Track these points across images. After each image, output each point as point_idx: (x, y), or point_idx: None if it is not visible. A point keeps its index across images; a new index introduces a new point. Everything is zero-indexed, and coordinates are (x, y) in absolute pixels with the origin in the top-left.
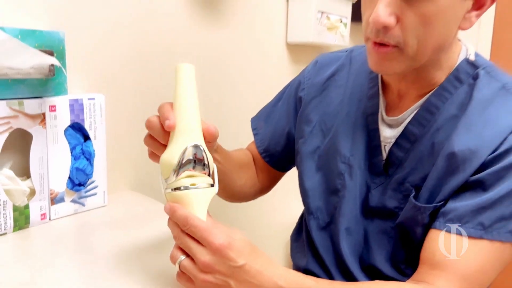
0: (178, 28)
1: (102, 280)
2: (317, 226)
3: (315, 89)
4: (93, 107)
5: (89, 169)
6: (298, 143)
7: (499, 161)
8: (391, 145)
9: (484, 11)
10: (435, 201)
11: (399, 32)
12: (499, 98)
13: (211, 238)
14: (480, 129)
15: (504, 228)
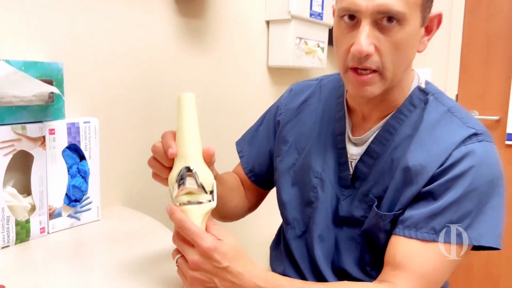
0: (166, 56)
1: (95, 285)
2: (294, 235)
3: (291, 113)
4: (88, 129)
5: (84, 186)
6: (276, 161)
7: (446, 174)
8: (357, 162)
9: (432, 35)
10: (394, 210)
11: (378, 58)
12: (445, 120)
13: (200, 241)
14: (429, 147)
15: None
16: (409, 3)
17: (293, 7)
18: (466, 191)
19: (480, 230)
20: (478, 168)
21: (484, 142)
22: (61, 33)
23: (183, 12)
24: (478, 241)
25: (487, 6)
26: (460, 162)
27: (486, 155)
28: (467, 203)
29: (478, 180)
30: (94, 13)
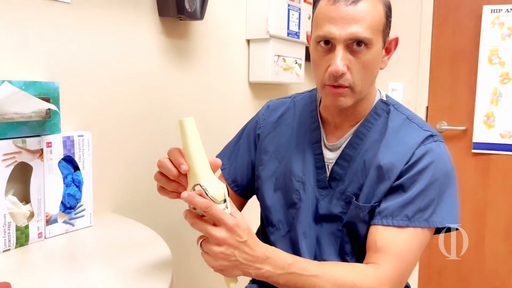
0: (154, 74)
1: (91, 285)
2: (279, 235)
3: (269, 127)
4: (82, 142)
5: (78, 194)
6: (258, 170)
7: (411, 169)
8: (333, 165)
9: (391, 55)
10: (371, 203)
11: (350, 76)
12: (405, 125)
13: (226, 219)
14: (395, 148)
15: (421, 218)
16: (373, 30)
17: (271, 27)
18: (429, 182)
19: (443, 214)
20: (436, 163)
21: (438, 142)
22: (57, 55)
23: (169, 33)
24: (442, 224)
25: (453, 24)
26: (422, 159)
27: (442, 152)
28: (431, 192)
29: (437, 172)
30: (87, 35)
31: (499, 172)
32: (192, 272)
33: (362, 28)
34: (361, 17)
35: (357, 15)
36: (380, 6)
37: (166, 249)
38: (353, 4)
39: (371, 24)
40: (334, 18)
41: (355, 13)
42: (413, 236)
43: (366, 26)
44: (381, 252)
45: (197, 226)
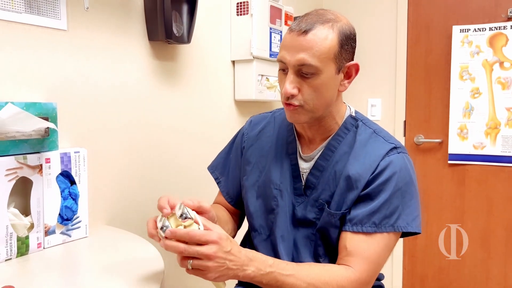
0: (144, 94)
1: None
2: (260, 239)
3: (252, 140)
4: (78, 158)
5: (75, 207)
6: (243, 180)
7: (377, 179)
8: (307, 174)
9: (353, 79)
10: (342, 210)
11: (301, 97)
12: (372, 139)
13: (209, 238)
14: (363, 160)
15: (387, 224)
16: (321, 58)
17: (254, 49)
18: (393, 191)
19: (407, 220)
20: (399, 173)
21: (401, 154)
22: (54, 78)
23: (158, 56)
24: (406, 229)
25: (425, 43)
26: (386, 170)
27: (404, 163)
28: (395, 201)
29: (400, 182)
30: (82, 59)
31: (474, 181)
32: (184, 279)
33: (309, 56)
34: (309, 46)
35: (306, 44)
36: (332, 36)
37: (159, 257)
38: (304, 34)
39: (318, 52)
40: (287, 45)
41: (304, 42)
42: (380, 241)
43: (313, 54)
44: (351, 255)
45: (187, 252)
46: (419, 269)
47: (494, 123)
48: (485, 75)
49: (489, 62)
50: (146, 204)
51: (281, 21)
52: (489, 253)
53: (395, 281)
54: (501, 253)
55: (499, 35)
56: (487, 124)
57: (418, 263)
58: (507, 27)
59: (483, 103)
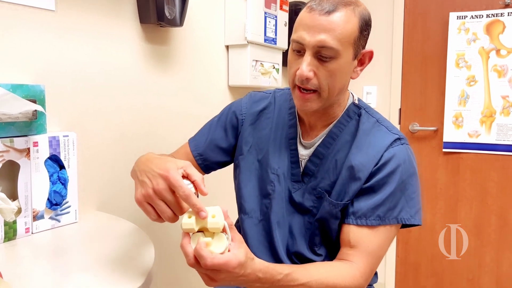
0: (136, 78)
1: (76, 279)
2: (251, 223)
3: (251, 118)
4: (67, 142)
5: (64, 192)
6: (238, 159)
7: (380, 171)
8: (306, 161)
9: (365, 66)
10: (344, 200)
11: (316, 81)
12: (375, 128)
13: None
14: (366, 149)
15: (391, 216)
16: (342, 41)
17: (248, 34)
18: (397, 184)
19: (410, 212)
20: (403, 165)
21: (405, 145)
22: (42, 59)
23: (150, 39)
24: (410, 221)
25: (422, 30)
26: (390, 162)
27: (407, 155)
28: (399, 193)
29: (404, 174)
30: (71, 41)
31: (468, 169)
32: (174, 267)
33: (331, 38)
34: (331, 28)
35: (328, 25)
36: (354, 20)
37: (149, 244)
38: (327, 14)
39: (341, 35)
40: (307, 25)
41: (327, 23)
42: (384, 233)
43: (335, 37)
44: (354, 249)
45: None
46: (412, 257)
47: (489, 111)
48: (481, 63)
49: (485, 50)
50: None
51: (276, 6)
52: (482, 241)
53: (388, 269)
54: (493, 241)
55: (496, 22)
56: (482, 112)
57: (411, 251)
58: (504, 14)
59: (479, 91)
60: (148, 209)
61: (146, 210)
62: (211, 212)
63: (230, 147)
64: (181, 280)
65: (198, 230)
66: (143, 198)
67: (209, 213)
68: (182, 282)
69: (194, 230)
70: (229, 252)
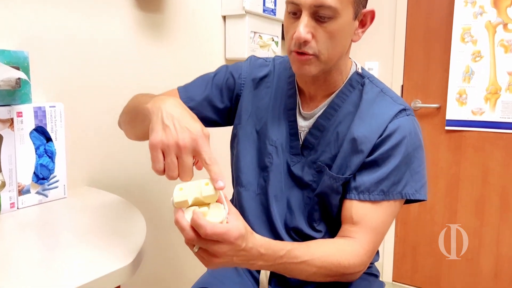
0: (127, 47)
1: (64, 255)
2: (248, 196)
3: (251, 84)
4: (54, 113)
5: (51, 165)
6: (237, 128)
7: (385, 143)
8: (306, 133)
9: (367, 28)
10: (345, 174)
11: (315, 44)
12: (379, 98)
13: (227, 237)
14: (369, 121)
15: (395, 191)
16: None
17: (246, 3)
18: (402, 157)
19: (415, 187)
20: (408, 138)
21: (411, 116)
22: (27, 24)
23: (142, 6)
24: (415, 196)
25: (427, 3)
26: (395, 133)
27: (413, 126)
28: (404, 167)
29: (409, 147)
30: (59, 6)
31: (471, 148)
32: (165, 244)
33: None
34: None
35: None
36: None
37: (141, 220)
38: None
39: None
40: None
41: None
42: (387, 209)
43: None
44: (357, 225)
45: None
46: (411, 236)
47: (494, 88)
48: (488, 38)
49: (492, 24)
50: (130, 165)
51: None
52: (482, 221)
53: (387, 248)
54: (494, 221)
55: None
56: (487, 89)
57: (410, 231)
58: None
59: (484, 67)
60: (158, 158)
61: (156, 157)
62: (204, 181)
63: (225, 109)
64: (173, 259)
65: (191, 205)
66: (160, 144)
67: (202, 182)
68: (174, 261)
69: (187, 204)
70: (227, 223)
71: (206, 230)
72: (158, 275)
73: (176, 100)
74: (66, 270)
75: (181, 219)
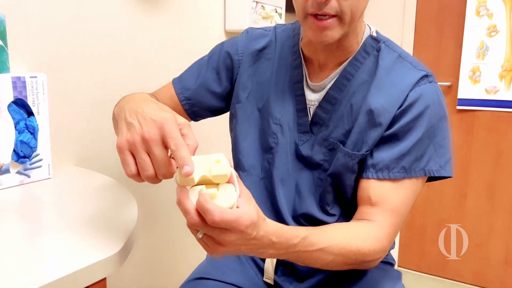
0: (119, 16)
1: (48, 241)
2: (251, 181)
3: (249, 59)
4: (36, 84)
5: (33, 142)
6: (235, 107)
7: (406, 114)
8: (315, 108)
9: None
10: (361, 151)
11: (336, 3)
12: (397, 65)
13: (236, 225)
14: (388, 90)
15: (418, 167)
16: None
17: None
18: (426, 129)
19: (440, 162)
20: (432, 107)
21: (433, 83)
22: None
23: None
24: (440, 172)
25: None
26: (417, 103)
27: (437, 94)
28: (427, 140)
29: (433, 118)
30: None
31: (483, 129)
32: (157, 229)
33: None
34: None
35: None
36: None
37: (133, 202)
38: None
39: None
40: None
41: None
42: (409, 187)
43: None
44: (376, 207)
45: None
46: (418, 221)
47: (510, 64)
48: (504, 11)
49: None
50: None
51: None
52: (493, 205)
53: None
54: (506, 206)
55: None
56: (503, 66)
57: (417, 215)
58: None
59: (500, 43)
60: (127, 160)
61: (125, 160)
62: (215, 157)
63: (225, 92)
64: (167, 245)
65: (197, 183)
66: (126, 144)
67: (212, 158)
68: (168, 247)
69: (193, 182)
70: (238, 208)
71: (214, 217)
72: (150, 265)
73: (141, 95)
74: (45, 260)
75: (185, 200)
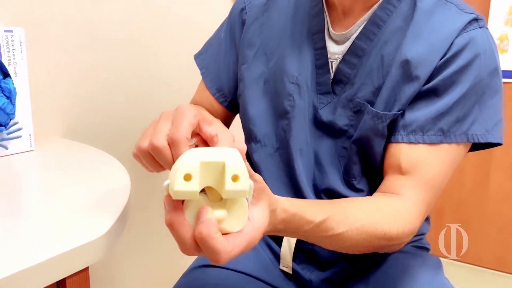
0: None
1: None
2: (265, 153)
3: (257, 10)
4: (11, 40)
5: (10, 108)
6: (241, 70)
7: (450, 65)
8: (339, 62)
9: None
10: (393, 111)
11: None
12: (439, 7)
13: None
14: (428, 36)
15: (459, 131)
16: None
17: None
18: (472, 83)
19: (486, 126)
20: (482, 57)
21: (484, 29)
22: None
23: None
24: (485, 138)
25: None
26: (464, 51)
27: (489, 42)
28: (473, 97)
29: (483, 70)
30: None
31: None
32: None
33: None
34: None
35: None
36: None
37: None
38: None
39: None
40: None
41: None
42: (447, 155)
43: None
44: (407, 177)
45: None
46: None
47: None
48: None
49: None
50: (117, 112)
51: None
52: None
53: None
54: None
55: None
56: None
57: None
58: None
59: None
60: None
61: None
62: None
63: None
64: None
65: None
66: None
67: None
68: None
69: (195, 196)
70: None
71: (221, 258)
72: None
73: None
74: (27, 242)
75: (180, 226)
